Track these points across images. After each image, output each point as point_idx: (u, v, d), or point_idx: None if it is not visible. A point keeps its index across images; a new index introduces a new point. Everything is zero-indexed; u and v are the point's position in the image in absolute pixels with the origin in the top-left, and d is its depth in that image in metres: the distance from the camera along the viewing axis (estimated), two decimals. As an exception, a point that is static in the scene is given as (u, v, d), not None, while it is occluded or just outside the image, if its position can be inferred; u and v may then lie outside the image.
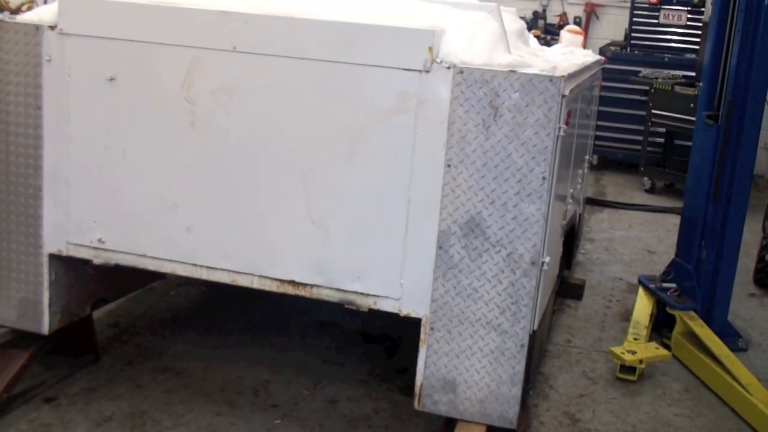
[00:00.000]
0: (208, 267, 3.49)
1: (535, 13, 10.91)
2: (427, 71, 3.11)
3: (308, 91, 3.25)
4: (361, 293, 3.35)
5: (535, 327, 3.28)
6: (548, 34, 10.46)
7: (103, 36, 3.40)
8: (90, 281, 3.93)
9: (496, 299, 3.17)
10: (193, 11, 3.35)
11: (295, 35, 3.23)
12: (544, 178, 3.06)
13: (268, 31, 3.25)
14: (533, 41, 4.91)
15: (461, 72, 3.08)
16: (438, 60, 3.11)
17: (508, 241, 3.13)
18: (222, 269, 3.48)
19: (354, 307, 3.38)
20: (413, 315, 3.30)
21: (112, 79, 3.42)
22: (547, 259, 3.22)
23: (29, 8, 3.68)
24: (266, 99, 3.30)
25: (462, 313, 3.21)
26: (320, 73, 3.22)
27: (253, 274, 3.46)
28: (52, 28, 3.46)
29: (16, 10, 3.68)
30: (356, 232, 3.31)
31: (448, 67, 3.10)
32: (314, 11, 3.31)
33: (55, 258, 3.64)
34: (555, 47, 5.84)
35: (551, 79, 3.02)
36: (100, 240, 3.55)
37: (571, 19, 10.76)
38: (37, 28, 3.48)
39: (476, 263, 3.17)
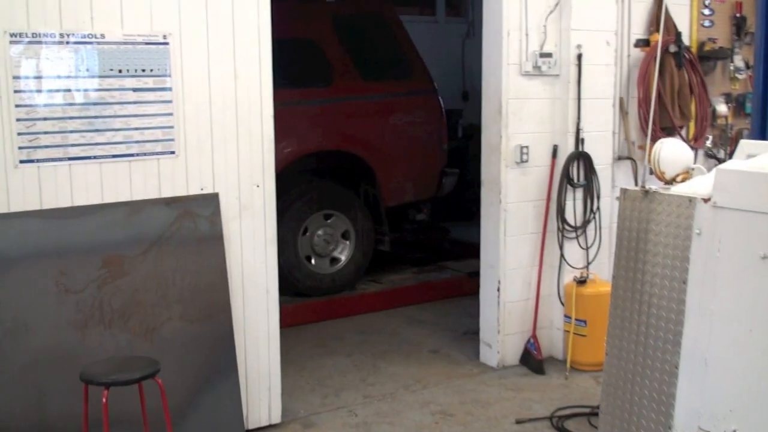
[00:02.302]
0: None
1: None
2: None
3: None
4: None
5: None
6: None
7: (758, 211, 3.16)
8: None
9: None
10: None
11: None
12: None
13: None
14: None
15: None
16: None
17: None
18: None
19: None
20: None
21: (764, 258, 3.14)
22: None
23: (684, 179, 3.64)
24: None
25: None
26: None
27: None
28: (706, 200, 3.35)
29: (671, 181, 3.66)
30: None
31: None
32: None
33: (686, 441, 3.42)
34: None
35: None
36: (734, 431, 3.22)
37: None
38: (690, 201, 3.41)
39: None
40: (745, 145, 3.69)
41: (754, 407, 3.17)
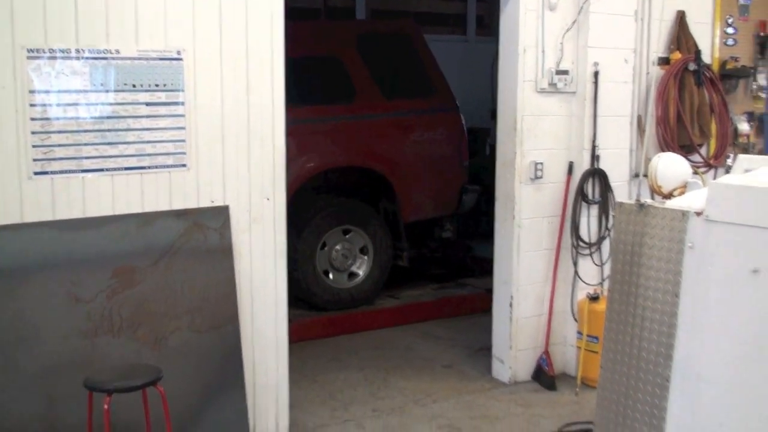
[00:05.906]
0: None
1: None
2: None
3: None
4: None
5: None
6: None
7: (750, 225, 3.15)
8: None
9: None
10: None
11: None
12: None
13: None
14: None
15: None
16: None
17: None
18: None
19: None
20: None
21: (755, 272, 3.12)
22: None
23: (681, 193, 3.63)
24: None
25: None
26: None
27: None
28: (698, 214, 3.34)
29: (668, 195, 3.66)
30: None
31: None
32: None
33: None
34: None
35: None
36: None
37: None
38: (683, 214, 3.40)
39: None
40: (743, 159, 3.68)
41: (745, 421, 3.14)
